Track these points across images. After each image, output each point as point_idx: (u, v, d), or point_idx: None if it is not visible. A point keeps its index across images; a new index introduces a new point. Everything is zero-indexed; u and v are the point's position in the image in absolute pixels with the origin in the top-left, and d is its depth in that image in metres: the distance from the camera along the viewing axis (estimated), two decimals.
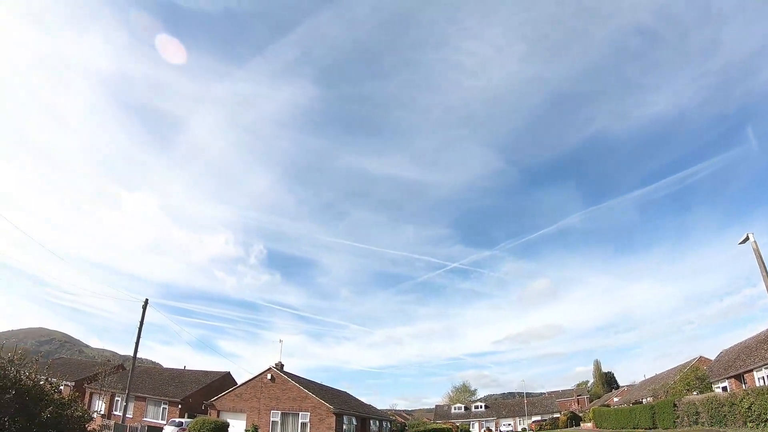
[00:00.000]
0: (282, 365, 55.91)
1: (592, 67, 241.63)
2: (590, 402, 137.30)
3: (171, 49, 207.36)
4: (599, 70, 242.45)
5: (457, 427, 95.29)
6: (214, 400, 57.06)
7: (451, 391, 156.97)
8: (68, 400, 21.43)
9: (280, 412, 51.66)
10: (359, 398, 73.23)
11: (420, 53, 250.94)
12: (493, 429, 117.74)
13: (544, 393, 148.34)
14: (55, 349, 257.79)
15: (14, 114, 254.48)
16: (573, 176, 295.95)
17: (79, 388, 67.42)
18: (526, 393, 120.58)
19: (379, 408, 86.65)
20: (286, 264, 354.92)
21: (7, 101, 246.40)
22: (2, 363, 17.80)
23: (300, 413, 50.47)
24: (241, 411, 54.33)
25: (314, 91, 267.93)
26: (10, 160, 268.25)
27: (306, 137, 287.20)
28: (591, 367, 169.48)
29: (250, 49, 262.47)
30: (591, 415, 79.26)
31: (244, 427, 52.48)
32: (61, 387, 23.90)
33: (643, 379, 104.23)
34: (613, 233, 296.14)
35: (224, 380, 67.92)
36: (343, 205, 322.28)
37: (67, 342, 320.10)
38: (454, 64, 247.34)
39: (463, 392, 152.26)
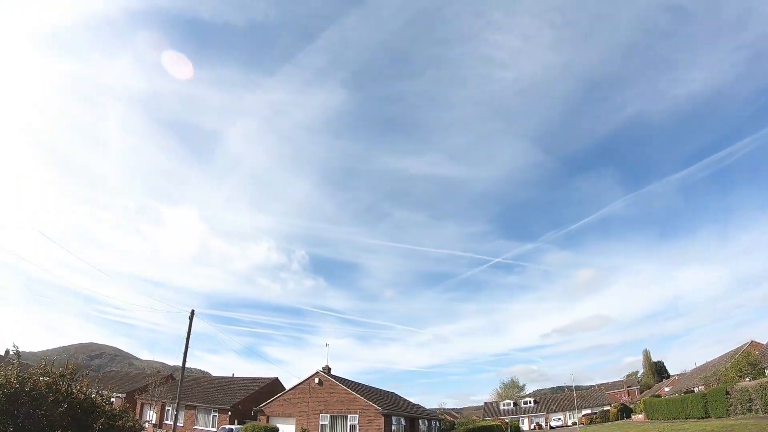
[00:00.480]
0: (329, 369, 55.68)
1: (622, 49, 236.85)
2: (641, 393, 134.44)
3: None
4: (629, 52, 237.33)
5: (507, 423, 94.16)
6: (263, 405, 57.25)
7: (500, 388, 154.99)
8: (119, 411, 21.62)
9: (328, 415, 51.46)
10: (407, 398, 72.80)
11: (448, 49, 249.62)
12: (543, 424, 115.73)
13: (594, 386, 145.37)
14: (106, 363, 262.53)
15: (54, 139, 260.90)
16: (611, 162, 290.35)
17: (130, 399, 68.43)
18: (575, 386, 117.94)
19: (427, 408, 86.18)
20: (329, 268, 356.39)
21: (46, 127, 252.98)
22: (54, 378, 17.91)
23: (348, 415, 50.16)
24: (290, 415, 54.30)
25: (345, 95, 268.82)
26: (54, 183, 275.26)
27: (341, 141, 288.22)
28: (640, 357, 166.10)
29: (279, 58, 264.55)
30: (642, 406, 77.52)
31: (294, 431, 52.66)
32: (112, 399, 24.04)
33: (694, 367, 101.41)
34: (657, 218, 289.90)
35: (272, 386, 68.03)
36: (383, 207, 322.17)
37: (117, 355, 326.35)
38: (482, 57, 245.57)
39: (512, 388, 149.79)
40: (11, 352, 18.04)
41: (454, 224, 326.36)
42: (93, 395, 19.15)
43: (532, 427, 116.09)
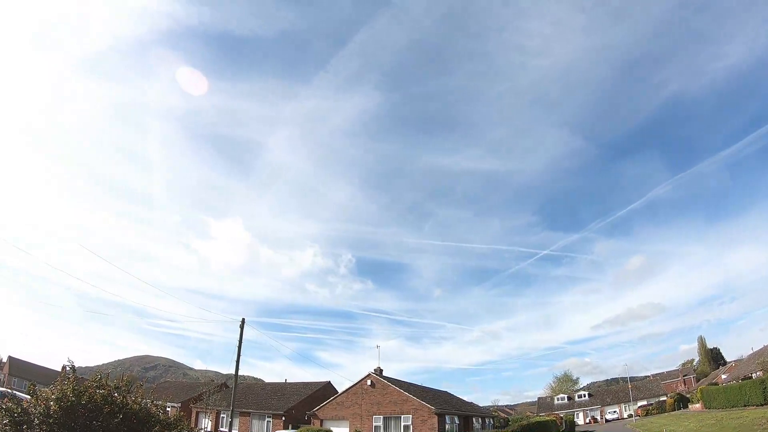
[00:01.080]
0: (381, 370, 55.36)
1: (656, 26, 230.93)
2: (697, 381, 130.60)
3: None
4: (665, 28, 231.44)
5: (561, 418, 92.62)
6: (317, 409, 57.32)
7: (553, 382, 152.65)
8: (174, 419, 21.75)
9: (381, 416, 51.12)
10: (461, 397, 72.15)
11: (480, 42, 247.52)
12: (599, 418, 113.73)
13: (649, 376, 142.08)
14: (161, 374, 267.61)
15: (100, 161, 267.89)
16: (655, 144, 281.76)
17: (185, 408, 69.42)
18: (630, 377, 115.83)
19: (481, 405, 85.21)
20: (376, 270, 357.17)
21: (92, 150, 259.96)
22: (109, 390, 18.13)
23: (402, 416, 49.69)
24: (344, 418, 54.14)
25: (381, 97, 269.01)
26: (103, 204, 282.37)
27: (380, 143, 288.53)
28: (695, 345, 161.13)
29: (312, 66, 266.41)
30: (698, 395, 75.21)
31: None
32: (168, 408, 24.20)
33: (751, 352, 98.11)
34: (705, 199, 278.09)
35: (325, 390, 67.98)
36: (427, 206, 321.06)
37: (171, 366, 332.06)
38: (516, 47, 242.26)
39: (566, 382, 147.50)
40: (67, 368, 18.31)
41: (499, 219, 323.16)
42: (148, 405, 19.30)
43: (587, 420, 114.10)
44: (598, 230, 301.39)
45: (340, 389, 62.13)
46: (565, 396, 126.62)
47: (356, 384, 55.30)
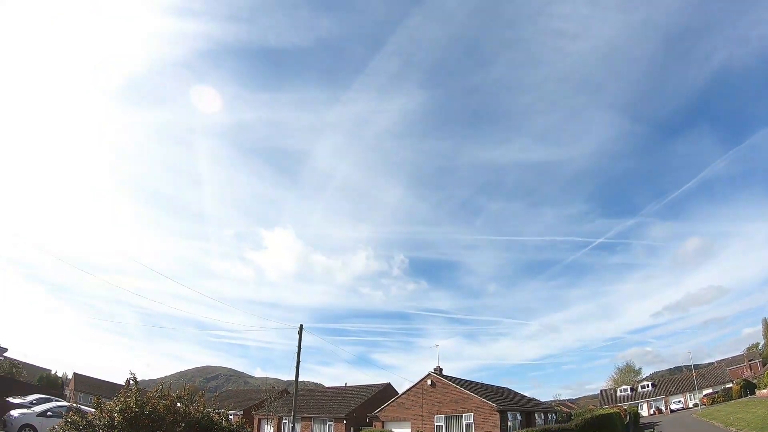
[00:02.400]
0: (441, 369, 54.44)
1: None
2: (763, 366, 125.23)
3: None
4: None
5: (625, 410, 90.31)
6: (378, 411, 56.88)
7: (615, 373, 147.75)
8: (236, 426, 21.88)
9: (443, 415, 50.27)
10: (522, 393, 70.86)
11: (517, 31, 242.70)
12: (663, 408, 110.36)
13: (713, 363, 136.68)
14: (222, 384, 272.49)
15: (154, 183, 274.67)
16: (705, 120, 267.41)
17: (247, 415, 69.98)
18: (694, 365, 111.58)
19: (542, 400, 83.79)
20: (429, 270, 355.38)
21: (145, 173, 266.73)
22: (172, 400, 18.36)
23: (463, 415, 48.72)
24: (405, 419, 53.53)
25: (423, 95, 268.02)
26: (161, 224, 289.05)
27: (427, 142, 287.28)
28: (760, 327, 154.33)
29: (352, 71, 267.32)
30: (765, 380, 72.31)
31: None
32: (230, 416, 24.22)
33: None
34: (763, 173, 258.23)
35: (385, 391, 67.50)
36: (477, 201, 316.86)
37: (232, 375, 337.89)
38: (553, 32, 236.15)
39: (628, 373, 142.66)
40: (130, 381, 18.52)
41: (551, 209, 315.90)
42: (210, 413, 19.38)
43: (652, 412, 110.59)
44: (653, 214, 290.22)
45: (400, 390, 61.63)
46: (628, 387, 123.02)
47: (416, 384, 54.58)
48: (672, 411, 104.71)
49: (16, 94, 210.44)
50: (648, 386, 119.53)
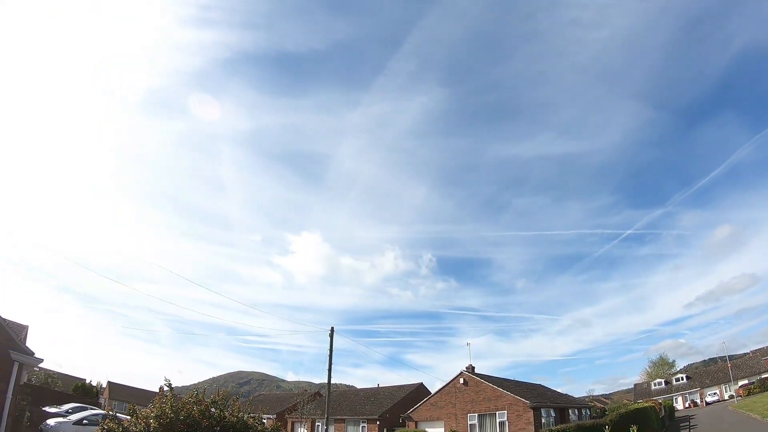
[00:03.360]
0: (473, 368, 53.90)
1: None
2: None
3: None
4: None
5: (660, 403, 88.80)
6: (411, 411, 56.55)
7: (649, 367, 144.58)
8: (271, 430, 21.81)
9: (476, 414, 49.72)
10: (555, 389, 70.00)
11: (534, 23, 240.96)
12: (698, 401, 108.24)
13: (748, 353, 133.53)
14: (254, 388, 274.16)
15: (178, 189, 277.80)
16: (730, 104, 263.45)
17: (280, 419, 70.33)
18: (729, 356, 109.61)
19: (576, 396, 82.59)
20: (458, 268, 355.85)
21: (168, 180, 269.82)
22: (206, 405, 18.34)
23: (497, 413, 48.10)
24: (438, 419, 53.11)
25: (444, 92, 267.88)
26: (185, 231, 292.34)
27: (449, 139, 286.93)
28: None
29: (370, 72, 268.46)
30: None
31: None
32: (264, 420, 24.16)
33: None
34: None
35: (418, 391, 67.13)
36: (503, 197, 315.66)
37: (264, 380, 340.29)
38: (571, 22, 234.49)
39: (661, 366, 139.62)
40: (164, 387, 18.56)
41: (577, 202, 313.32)
42: (245, 418, 19.32)
43: (687, 405, 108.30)
44: (681, 202, 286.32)
45: (432, 390, 61.19)
46: (662, 380, 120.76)
47: (449, 383, 54.11)
48: (707, 404, 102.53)
49: (38, 116, 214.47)
50: (682, 379, 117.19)
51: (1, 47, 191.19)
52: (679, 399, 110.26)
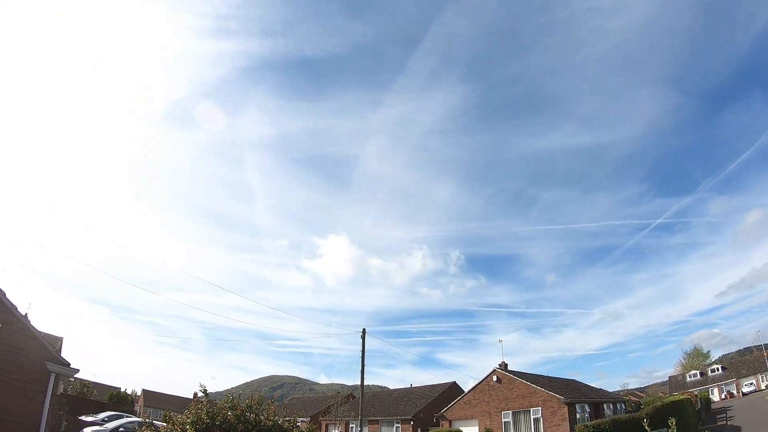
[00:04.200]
0: (506, 365, 53.08)
1: None
2: None
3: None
4: None
5: (696, 395, 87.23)
6: (444, 411, 56.11)
7: (683, 358, 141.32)
8: None
9: (510, 411, 49.01)
10: (588, 384, 69.05)
11: (552, 14, 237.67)
12: (735, 392, 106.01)
13: None
14: (288, 392, 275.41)
15: (205, 198, 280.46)
16: (754, 85, 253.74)
17: (314, 421, 70.31)
18: (764, 345, 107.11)
19: (610, 391, 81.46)
20: (487, 265, 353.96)
21: (195, 188, 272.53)
22: (241, 410, 18.40)
23: (531, 409, 47.39)
24: (472, 417, 52.54)
25: (465, 89, 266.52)
26: (214, 238, 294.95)
27: (473, 136, 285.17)
28: None
29: (391, 72, 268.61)
30: None
31: None
32: (299, 423, 24.13)
33: None
34: None
35: (451, 390, 66.40)
36: (530, 191, 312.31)
37: (297, 383, 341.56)
38: (589, 11, 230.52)
39: (696, 357, 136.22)
40: (199, 393, 18.60)
41: (605, 193, 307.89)
42: (280, 421, 19.26)
43: (723, 396, 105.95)
44: (711, 188, 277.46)
45: (466, 389, 60.64)
46: (697, 372, 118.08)
47: (482, 381, 53.53)
48: (744, 394, 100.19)
49: (68, 130, 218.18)
50: (718, 370, 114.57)
51: (27, 67, 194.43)
52: (715, 390, 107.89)
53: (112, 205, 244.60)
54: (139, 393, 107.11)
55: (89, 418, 41.25)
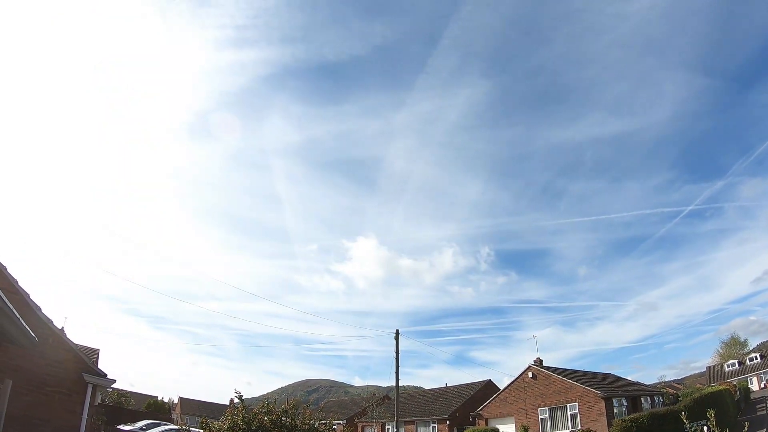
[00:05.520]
0: (541, 361, 52.33)
1: None
2: None
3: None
4: None
5: (734, 386, 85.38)
6: (480, 409, 55.48)
7: (720, 348, 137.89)
8: None
9: (547, 408, 48.32)
10: (625, 377, 67.91)
11: (569, 1, 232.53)
12: None
13: None
14: (323, 395, 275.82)
15: (235, 207, 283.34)
16: None
17: (350, 424, 70.21)
18: None
19: (647, 384, 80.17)
20: (518, 260, 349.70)
21: (225, 198, 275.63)
22: (277, 414, 18.40)
23: (567, 405, 46.65)
24: (508, 415, 51.84)
25: (488, 84, 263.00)
26: (245, 245, 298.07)
27: (499, 131, 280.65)
28: None
29: (412, 71, 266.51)
30: None
31: (514, 430, 50.37)
32: (335, 426, 23.97)
33: None
34: None
35: (486, 388, 65.75)
36: (558, 184, 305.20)
37: (332, 387, 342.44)
38: None
39: (733, 346, 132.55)
40: (235, 399, 18.59)
41: (635, 181, 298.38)
42: (316, 425, 19.14)
43: (763, 385, 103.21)
44: (742, 171, 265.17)
45: (501, 386, 59.99)
46: (736, 361, 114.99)
47: (517, 378, 52.85)
48: None
49: (95, 142, 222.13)
50: (756, 358, 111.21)
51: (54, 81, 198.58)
52: (754, 380, 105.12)
53: (142, 219, 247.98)
54: (176, 401, 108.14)
55: (127, 427, 41.63)
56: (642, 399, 54.42)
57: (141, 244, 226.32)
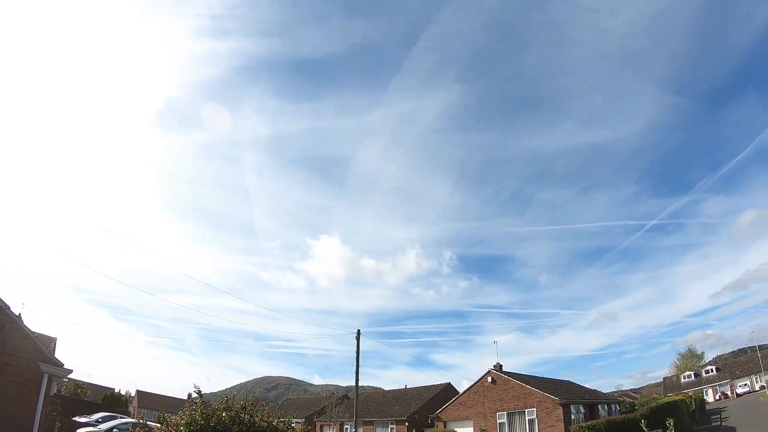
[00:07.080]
0: (501, 366, 53.07)
1: None
2: None
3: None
4: None
5: (690, 396, 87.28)
6: (439, 412, 55.91)
7: (677, 360, 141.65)
8: None
9: (505, 412, 49.00)
10: (584, 385, 69.13)
11: (549, 12, 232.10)
12: (729, 393, 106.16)
13: None
14: (282, 393, 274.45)
15: (203, 200, 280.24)
16: (754, 83, 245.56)
17: (309, 422, 70.32)
18: (758, 346, 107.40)
19: (605, 392, 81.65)
20: (481, 265, 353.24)
21: (193, 190, 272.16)
22: (236, 411, 18.23)
23: (526, 410, 47.44)
24: (467, 418, 52.43)
25: (463, 88, 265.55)
26: (211, 239, 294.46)
27: (471, 135, 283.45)
28: None
29: (389, 72, 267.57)
30: None
31: None
32: (293, 424, 24.05)
33: None
34: None
35: (446, 391, 66.39)
36: (527, 191, 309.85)
37: (291, 384, 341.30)
38: (587, 8, 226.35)
39: (690, 358, 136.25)
40: (194, 394, 18.52)
41: (602, 193, 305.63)
42: (275, 423, 19.18)
43: (717, 397, 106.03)
44: (707, 189, 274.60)
45: (460, 390, 60.61)
46: (692, 373, 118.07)
47: (477, 382, 53.46)
48: (738, 395, 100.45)
49: (57, 126, 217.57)
50: (712, 371, 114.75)
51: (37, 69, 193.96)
52: (710, 391, 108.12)
53: (109, 207, 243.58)
54: (133, 394, 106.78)
55: (83, 419, 41.14)
56: (599, 406, 55.49)
57: (108, 233, 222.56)
